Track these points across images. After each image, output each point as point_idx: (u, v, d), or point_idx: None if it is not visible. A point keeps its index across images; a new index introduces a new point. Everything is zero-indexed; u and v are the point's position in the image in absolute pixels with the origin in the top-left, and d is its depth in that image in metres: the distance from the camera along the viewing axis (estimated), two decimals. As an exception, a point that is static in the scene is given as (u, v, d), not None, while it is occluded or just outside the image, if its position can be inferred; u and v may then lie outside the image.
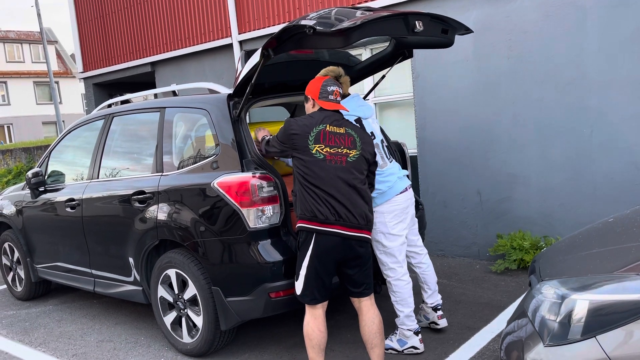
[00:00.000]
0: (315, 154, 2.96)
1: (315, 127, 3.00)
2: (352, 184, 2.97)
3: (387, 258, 3.47)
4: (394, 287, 3.50)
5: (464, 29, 3.67)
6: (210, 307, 3.50)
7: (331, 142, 2.99)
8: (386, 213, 3.41)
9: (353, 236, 2.96)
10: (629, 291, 1.91)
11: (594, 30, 4.57)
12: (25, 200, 5.12)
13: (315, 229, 2.93)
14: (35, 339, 4.42)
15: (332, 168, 2.95)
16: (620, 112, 4.53)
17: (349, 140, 3.04)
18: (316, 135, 2.98)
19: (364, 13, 3.16)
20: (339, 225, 2.92)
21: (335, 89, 3.13)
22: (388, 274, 3.50)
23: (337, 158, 2.97)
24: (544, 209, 4.98)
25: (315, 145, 2.97)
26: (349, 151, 3.01)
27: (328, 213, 2.91)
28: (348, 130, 3.07)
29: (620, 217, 2.73)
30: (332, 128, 3.03)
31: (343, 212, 2.93)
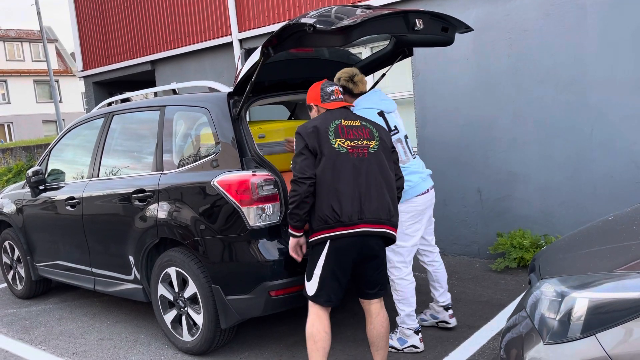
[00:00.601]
0: (338, 148, 2.83)
1: (332, 123, 2.90)
2: (375, 176, 2.85)
3: (394, 256, 3.46)
4: (397, 286, 3.50)
5: (464, 27, 3.67)
6: (210, 306, 3.51)
7: (350, 135, 2.89)
8: (403, 212, 3.38)
9: (374, 232, 2.82)
10: (628, 289, 1.91)
11: (594, 29, 4.57)
12: (26, 198, 5.12)
13: (329, 236, 2.79)
14: (35, 337, 4.42)
15: (356, 162, 2.82)
16: (620, 110, 4.53)
17: (367, 131, 2.95)
18: (335, 130, 2.87)
19: (364, 11, 3.16)
20: (360, 224, 2.78)
21: (334, 88, 3.07)
22: (392, 272, 3.49)
23: (359, 151, 2.86)
24: (544, 207, 4.98)
25: (337, 139, 2.85)
26: (369, 142, 2.91)
27: (347, 211, 2.76)
28: (363, 123, 2.99)
29: (620, 215, 2.73)
30: (347, 122, 2.94)
31: (366, 207, 2.79)
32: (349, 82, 3.48)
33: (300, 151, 2.85)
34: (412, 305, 3.51)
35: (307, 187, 2.78)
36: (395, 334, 3.58)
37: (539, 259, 2.58)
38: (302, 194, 2.78)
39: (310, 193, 2.79)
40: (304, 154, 2.84)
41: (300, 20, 2.91)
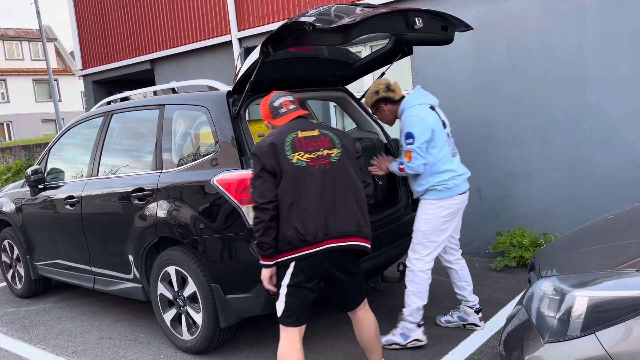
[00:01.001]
0: (297, 162, 2.65)
1: (287, 137, 2.71)
2: (340, 187, 2.70)
3: (423, 249, 3.51)
4: (416, 278, 3.51)
5: (463, 25, 3.67)
6: (209, 304, 3.50)
7: (308, 146, 2.71)
8: (443, 208, 3.46)
9: (342, 247, 2.67)
10: (628, 287, 1.92)
11: (594, 27, 4.57)
12: (25, 197, 5.12)
13: (295, 257, 2.64)
14: (35, 336, 4.42)
15: (317, 175, 2.66)
16: (620, 109, 4.53)
17: (327, 140, 2.78)
18: (291, 144, 2.69)
19: (364, 10, 3.16)
20: (325, 241, 2.63)
21: (282, 100, 2.87)
22: (414, 264, 3.52)
23: (320, 162, 2.69)
24: (544, 206, 4.98)
25: (294, 153, 2.67)
26: (329, 151, 2.74)
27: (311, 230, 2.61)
28: (322, 131, 2.81)
29: (619, 214, 2.73)
30: (304, 133, 2.75)
31: (331, 222, 2.64)
32: (389, 92, 3.56)
33: (258, 174, 2.67)
34: (425, 300, 3.54)
35: (271, 212, 2.62)
36: (397, 329, 3.58)
37: (539, 258, 2.58)
38: (266, 220, 2.62)
39: (274, 217, 2.63)
40: (262, 176, 2.66)
41: (300, 18, 2.90)
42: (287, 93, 2.94)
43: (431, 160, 3.42)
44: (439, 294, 4.50)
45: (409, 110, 3.48)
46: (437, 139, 3.43)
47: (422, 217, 3.52)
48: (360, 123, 4.48)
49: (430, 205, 3.49)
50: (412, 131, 3.39)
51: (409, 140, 3.40)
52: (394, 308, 4.26)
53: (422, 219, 3.51)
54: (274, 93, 2.93)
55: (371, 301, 4.41)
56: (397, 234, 3.95)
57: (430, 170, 3.44)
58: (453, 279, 3.79)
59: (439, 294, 4.49)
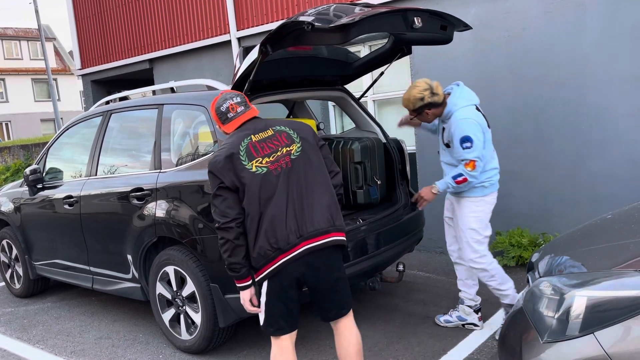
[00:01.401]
0: (256, 171, 2.50)
1: (240, 145, 2.54)
2: (306, 183, 2.56)
3: (480, 246, 3.51)
4: (491, 271, 3.51)
5: (462, 25, 3.66)
6: (208, 304, 3.50)
7: (265, 150, 2.55)
8: (489, 204, 3.51)
9: (320, 245, 2.52)
10: (627, 287, 1.91)
11: (593, 27, 4.56)
12: (23, 197, 5.11)
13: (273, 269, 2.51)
14: (33, 336, 4.41)
15: (281, 176, 2.51)
16: (619, 108, 4.53)
17: (283, 136, 2.61)
18: (246, 151, 2.52)
19: (363, 9, 3.15)
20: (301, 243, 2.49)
21: (228, 104, 2.66)
22: (481, 262, 3.50)
23: (280, 163, 2.53)
24: (543, 205, 4.98)
25: (252, 161, 2.51)
26: (289, 148, 2.58)
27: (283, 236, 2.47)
28: (276, 128, 2.63)
29: (618, 213, 2.73)
30: (258, 136, 2.58)
31: (302, 222, 2.50)
32: (434, 96, 3.39)
33: (216, 192, 2.52)
34: (510, 278, 3.57)
35: (236, 230, 2.49)
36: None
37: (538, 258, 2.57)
38: (231, 239, 2.49)
39: (241, 234, 2.50)
40: (221, 194, 2.51)
41: (299, 18, 2.89)
42: (235, 94, 2.71)
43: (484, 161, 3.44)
44: (437, 294, 4.51)
45: (459, 113, 3.37)
46: (486, 138, 3.42)
47: (471, 215, 3.49)
48: (359, 123, 4.48)
49: (477, 202, 3.48)
50: (470, 135, 3.31)
51: (467, 144, 3.32)
52: (393, 308, 4.26)
53: (471, 217, 3.49)
54: (220, 95, 2.71)
55: (370, 301, 4.43)
56: (396, 234, 3.94)
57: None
58: (461, 276, 3.80)
59: (438, 294, 4.49)
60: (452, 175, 3.41)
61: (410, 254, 5.53)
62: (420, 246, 5.61)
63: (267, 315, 2.60)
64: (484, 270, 3.52)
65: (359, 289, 4.67)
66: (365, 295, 4.56)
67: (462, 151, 3.35)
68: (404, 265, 4.11)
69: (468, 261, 3.55)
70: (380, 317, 4.12)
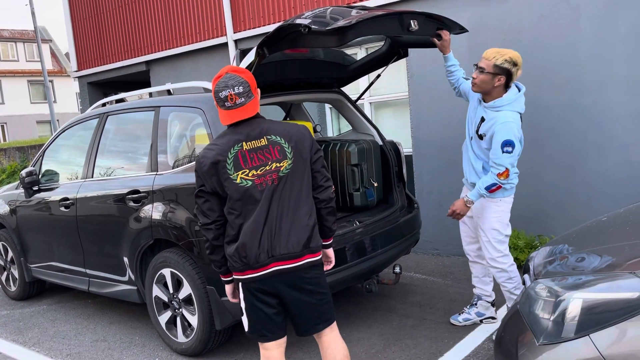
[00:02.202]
0: (241, 183, 2.40)
1: (229, 152, 2.42)
2: (290, 203, 2.45)
3: (502, 246, 3.50)
4: (510, 274, 3.50)
5: (458, 28, 3.67)
6: (205, 307, 3.50)
7: (254, 161, 2.42)
8: (509, 204, 3.50)
9: (289, 269, 2.45)
10: (622, 290, 1.92)
11: (588, 30, 4.59)
12: (19, 199, 5.10)
13: (240, 279, 2.50)
14: (29, 339, 4.40)
15: (265, 192, 2.41)
16: (614, 110, 4.55)
17: (275, 150, 2.45)
18: (234, 160, 2.41)
19: (359, 12, 3.16)
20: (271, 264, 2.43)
21: (227, 93, 2.41)
22: (502, 261, 3.49)
23: (267, 178, 2.42)
24: (539, 207, 5.00)
25: (238, 172, 2.40)
26: (279, 164, 2.43)
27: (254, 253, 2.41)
28: (271, 138, 2.46)
29: (613, 215, 2.74)
30: (250, 144, 2.43)
31: (277, 242, 2.43)
32: (517, 73, 3.32)
33: (198, 193, 2.51)
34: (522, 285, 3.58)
35: (214, 231, 2.49)
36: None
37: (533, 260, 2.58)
38: (210, 239, 2.50)
39: (220, 235, 2.50)
40: (202, 196, 2.49)
41: (295, 21, 2.90)
42: (238, 80, 2.44)
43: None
44: (434, 296, 4.51)
45: (509, 114, 3.30)
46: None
47: (493, 215, 3.47)
48: (356, 125, 4.49)
49: (498, 203, 3.47)
50: (514, 140, 3.26)
51: (508, 149, 3.25)
52: (390, 310, 4.26)
53: (493, 217, 3.47)
54: (224, 74, 2.47)
55: (366, 303, 4.43)
56: (393, 236, 3.95)
57: None
58: (477, 274, 3.82)
59: (435, 296, 4.50)
60: (486, 186, 3.33)
61: (406, 256, 5.54)
62: (417, 248, 5.62)
63: (249, 320, 2.55)
64: (503, 271, 3.51)
65: (355, 291, 4.67)
66: (362, 297, 4.57)
67: (501, 154, 3.27)
68: (401, 267, 4.12)
69: (489, 260, 3.54)
70: (376, 319, 4.12)
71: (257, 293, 2.48)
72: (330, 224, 2.63)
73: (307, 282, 2.50)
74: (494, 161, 3.30)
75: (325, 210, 2.59)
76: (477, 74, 3.34)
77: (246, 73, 2.50)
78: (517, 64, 3.28)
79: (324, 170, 2.59)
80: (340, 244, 3.51)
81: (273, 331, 2.54)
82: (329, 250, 2.74)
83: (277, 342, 2.56)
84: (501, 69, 3.26)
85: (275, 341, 2.56)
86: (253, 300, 2.50)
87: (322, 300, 2.56)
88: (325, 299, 2.57)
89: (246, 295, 2.52)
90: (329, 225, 2.63)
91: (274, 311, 2.51)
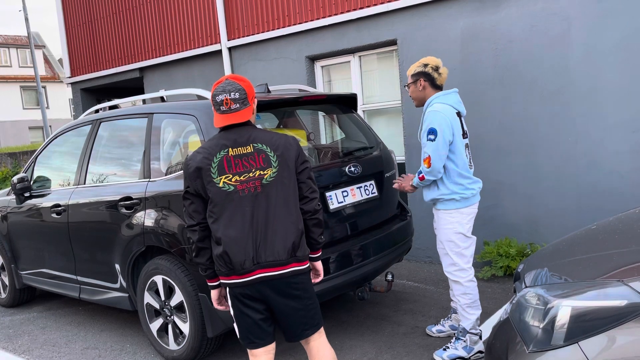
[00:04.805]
0: (223, 187, 2.43)
1: (215, 156, 2.47)
2: (273, 212, 2.46)
3: (460, 259, 3.45)
4: (466, 289, 3.45)
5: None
6: (197, 314, 3.49)
7: (239, 167, 2.45)
8: (466, 215, 3.42)
9: (274, 276, 2.45)
10: (610, 298, 1.94)
11: (578, 41, 4.65)
12: (11, 205, 5.07)
13: (226, 283, 2.51)
14: (19, 346, 4.36)
15: (246, 199, 2.43)
16: (604, 120, 4.60)
17: (260, 158, 2.48)
18: (219, 165, 2.45)
19: None
20: (256, 270, 2.43)
21: (223, 97, 2.48)
22: (460, 275, 3.45)
23: (250, 185, 2.44)
24: (530, 215, 5.03)
25: (221, 177, 2.44)
26: (262, 172, 2.46)
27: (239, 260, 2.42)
28: (257, 146, 2.49)
29: (603, 224, 2.77)
30: (235, 150, 2.48)
31: (262, 250, 2.44)
32: (435, 72, 3.44)
33: (184, 195, 2.55)
34: (480, 309, 3.51)
35: (200, 233, 2.52)
36: (458, 343, 3.48)
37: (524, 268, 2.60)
38: (196, 241, 2.53)
39: (205, 237, 2.53)
40: (188, 198, 2.54)
41: None
42: (236, 87, 2.49)
43: (449, 167, 3.36)
44: (426, 303, 4.52)
45: (435, 106, 3.36)
46: (456, 146, 3.35)
47: (447, 227, 3.42)
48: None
49: (452, 214, 3.40)
50: (436, 127, 3.28)
51: (431, 136, 3.29)
52: (382, 318, 4.27)
53: (448, 228, 3.42)
54: (224, 80, 2.54)
55: (359, 311, 4.43)
56: (385, 244, 3.96)
57: (448, 180, 3.37)
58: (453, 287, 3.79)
59: (427, 304, 4.50)
60: (417, 174, 3.44)
61: (399, 264, 5.56)
62: (409, 256, 5.64)
63: (239, 327, 2.56)
64: (458, 284, 3.47)
65: (348, 298, 4.67)
66: (354, 304, 4.57)
67: (425, 142, 3.34)
68: (393, 275, 4.13)
69: (445, 272, 3.52)
70: (369, 326, 4.12)
71: (243, 299, 2.49)
72: (316, 235, 2.62)
73: (294, 287, 2.50)
74: (423, 149, 3.40)
75: (310, 222, 2.59)
76: (408, 91, 3.58)
77: (245, 82, 2.55)
78: (429, 64, 3.46)
79: (309, 182, 2.59)
80: (333, 252, 3.51)
81: (261, 337, 2.54)
82: (317, 262, 2.72)
83: (265, 349, 2.56)
84: (417, 74, 3.48)
85: (263, 347, 2.55)
86: (240, 306, 2.51)
87: (310, 306, 2.57)
88: (312, 305, 2.58)
89: (233, 302, 2.53)
90: (315, 237, 2.62)
91: (261, 317, 2.51)
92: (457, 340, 3.50)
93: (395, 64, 5.89)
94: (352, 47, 5.96)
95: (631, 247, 2.30)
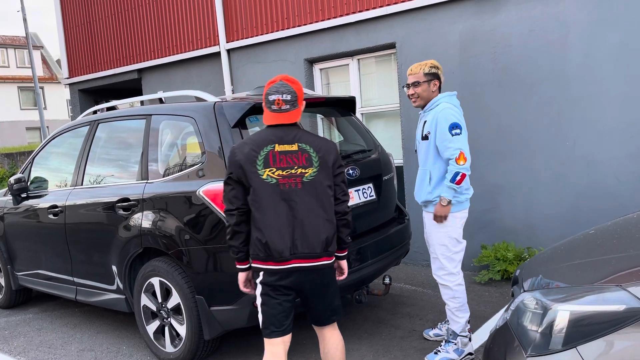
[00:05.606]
0: (266, 179, 2.58)
1: (262, 149, 2.61)
2: (310, 208, 2.61)
3: (449, 263, 3.45)
4: (455, 293, 3.46)
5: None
6: (193, 316, 3.48)
7: (282, 163, 2.60)
8: (459, 219, 3.42)
9: (308, 267, 2.62)
10: (609, 302, 1.94)
11: (577, 45, 4.66)
12: (7, 206, 5.05)
13: (262, 268, 2.63)
14: (14, 348, 4.34)
15: (286, 193, 2.58)
16: (602, 124, 4.61)
17: (303, 157, 2.64)
18: (265, 158, 2.59)
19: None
20: (292, 260, 2.59)
21: (276, 97, 2.63)
22: (448, 279, 3.46)
23: (290, 181, 2.59)
24: (528, 220, 5.04)
25: (266, 169, 2.58)
26: (304, 170, 2.62)
27: (277, 247, 2.57)
28: (302, 146, 2.65)
29: (600, 228, 2.77)
30: (282, 147, 2.62)
31: (299, 241, 2.59)
32: (442, 75, 3.50)
33: (226, 181, 2.68)
34: (468, 312, 3.52)
35: (237, 218, 2.65)
36: (451, 346, 3.48)
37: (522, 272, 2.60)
38: (233, 225, 2.66)
39: (242, 222, 2.66)
40: (230, 184, 2.66)
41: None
42: (288, 89, 2.65)
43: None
44: (424, 307, 4.52)
45: (446, 104, 3.37)
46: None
47: (441, 230, 3.41)
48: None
49: (447, 218, 3.39)
50: (458, 122, 3.26)
51: (456, 131, 3.24)
52: (379, 321, 4.26)
53: (441, 232, 3.41)
54: (278, 80, 2.68)
55: (356, 314, 4.42)
56: (383, 247, 3.96)
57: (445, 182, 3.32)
58: None
59: (424, 307, 4.50)
60: (451, 178, 3.27)
61: (396, 267, 5.55)
62: (407, 259, 5.63)
63: (264, 316, 2.68)
64: (447, 288, 3.48)
65: (345, 301, 4.67)
66: (352, 308, 4.56)
67: (451, 138, 3.24)
68: (391, 278, 4.12)
69: (434, 275, 3.53)
70: (366, 330, 4.12)
71: (275, 284, 2.61)
72: (344, 235, 2.79)
73: (325, 276, 2.69)
74: (448, 147, 3.26)
75: (340, 222, 2.76)
76: (414, 89, 3.48)
77: (297, 84, 2.71)
78: (439, 67, 3.50)
79: (342, 185, 2.77)
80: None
81: (282, 327, 2.67)
82: (343, 261, 2.89)
83: (282, 339, 2.67)
84: (431, 74, 3.46)
85: (282, 337, 2.67)
86: (270, 295, 2.63)
87: (336, 295, 2.79)
88: (337, 294, 2.81)
89: (264, 290, 2.64)
90: (342, 237, 2.79)
91: (289, 305, 2.67)
92: (448, 344, 3.51)
93: (394, 67, 5.90)
94: (351, 50, 5.96)
95: (629, 251, 2.30)
